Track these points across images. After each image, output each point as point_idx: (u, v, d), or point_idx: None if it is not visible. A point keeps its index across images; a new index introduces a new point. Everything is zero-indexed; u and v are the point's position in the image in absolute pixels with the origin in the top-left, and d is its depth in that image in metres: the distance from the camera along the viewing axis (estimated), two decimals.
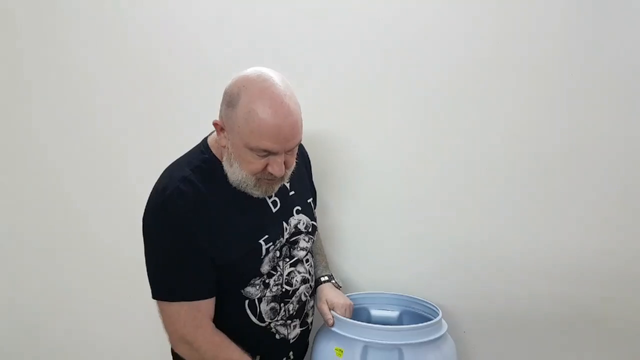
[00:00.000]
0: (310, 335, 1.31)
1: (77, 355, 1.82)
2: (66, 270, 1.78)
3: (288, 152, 1.07)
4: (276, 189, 1.14)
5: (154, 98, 1.63)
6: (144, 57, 1.62)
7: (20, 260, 1.82)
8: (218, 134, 1.09)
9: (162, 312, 1.10)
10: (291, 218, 1.21)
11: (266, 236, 1.13)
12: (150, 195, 1.09)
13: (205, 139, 1.17)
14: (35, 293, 1.81)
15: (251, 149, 1.02)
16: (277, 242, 1.15)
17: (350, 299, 1.31)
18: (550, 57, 1.34)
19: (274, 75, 1.04)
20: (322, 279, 1.32)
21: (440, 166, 1.45)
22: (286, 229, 1.18)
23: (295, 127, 1.04)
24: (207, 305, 1.10)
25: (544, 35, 1.34)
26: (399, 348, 1.13)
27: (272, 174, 1.06)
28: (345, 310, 1.23)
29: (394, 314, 1.37)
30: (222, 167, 1.11)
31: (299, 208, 1.24)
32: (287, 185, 1.22)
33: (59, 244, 1.77)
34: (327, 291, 1.27)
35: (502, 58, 1.37)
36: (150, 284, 1.10)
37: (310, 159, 1.37)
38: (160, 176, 1.12)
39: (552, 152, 1.37)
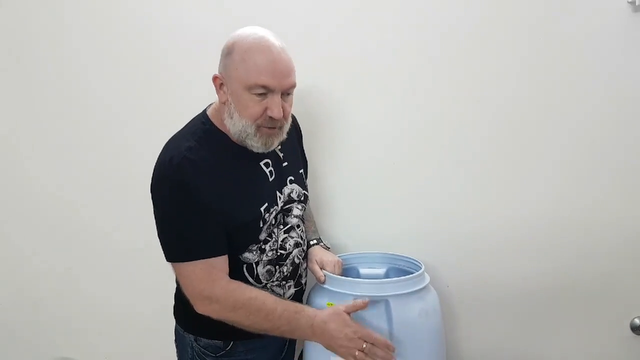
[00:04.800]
0: (304, 295, 1.38)
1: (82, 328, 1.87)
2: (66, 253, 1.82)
3: (284, 94, 1.13)
4: (276, 143, 1.19)
5: (153, 91, 1.66)
6: (136, 51, 1.65)
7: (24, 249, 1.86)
8: (218, 91, 1.16)
9: (179, 274, 1.16)
10: (285, 188, 1.27)
11: (265, 204, 1.20)
12: (156, 167, 1.15)
13: (205, 111, 1.22)
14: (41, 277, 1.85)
15: (250, 89, 1.09)
16: (273, 210, 1.22)
17: (341, 259, 1.40)
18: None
19: (267, 31, 1.14)
20: (312, 242, 1.40)
21: (425, 133, 1.50)
22: (280, 197, 1.25)
23: (289, 65, 1.13)
24: (222, 262, 1.14)
25: None
26: (385, 300, 1.20)
27: (271, 119, 1.12)
28: (335, 266, 1.31)
29: (380, 270, 1.42)
30: (225, 137, 1.17)
31: (292, 178, 1.30)
32: (281, 156, 1.28)
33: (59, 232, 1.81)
34: (317, 252, 1.36)
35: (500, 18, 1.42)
36: (165, 248, 1.15)
37: (302, 127, 1.44)
38: (165, 148, 1.17)
39: (536, 120, 1.43)
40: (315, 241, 1.41)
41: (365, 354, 1.08)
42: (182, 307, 1.23)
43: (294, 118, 1.36)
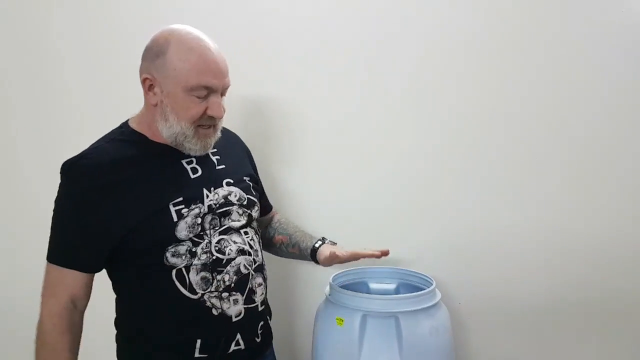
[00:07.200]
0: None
1: None
2: None
3: (222, 94, 1.13)
4: (211, 144, 1.17)
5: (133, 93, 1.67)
6: (121, 53, 1.65)
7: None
8: (147, 92, 1.12)
9: None
10: (219, 189, 1.18)
11: (179, 199, 1.11)
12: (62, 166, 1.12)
13: (125, 121, 1.19)
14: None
15: (191, 89, 1.07)
16: (195, 207, 1.12)
17: (350, 274, 1.40)
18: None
19: (198, 30, 1.11)
20: (317, 244, 1.32)
21: (439, 146, 1.49)
22: (207, 196, 1.15)
23: (226, 64, 1.12)
24: (74, 280, 1.07)
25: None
26: (395, 316, 1.19)
27: (212, 118, 1.11)
28: (349, 254, 1.27)
29: (391, 286, 1.41)
30: (143, 137, 1.14)
31: (230, 181, 1.22)
32: (215, 160, 1.22)
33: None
34: (326, 247, 1.31)
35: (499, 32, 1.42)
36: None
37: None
38: None
39: (547, 134, 1.41)
40: (320, 242, 1.33)
41: None
42: (127, 346, 1.19)
43: (238, 137, 1.37)
